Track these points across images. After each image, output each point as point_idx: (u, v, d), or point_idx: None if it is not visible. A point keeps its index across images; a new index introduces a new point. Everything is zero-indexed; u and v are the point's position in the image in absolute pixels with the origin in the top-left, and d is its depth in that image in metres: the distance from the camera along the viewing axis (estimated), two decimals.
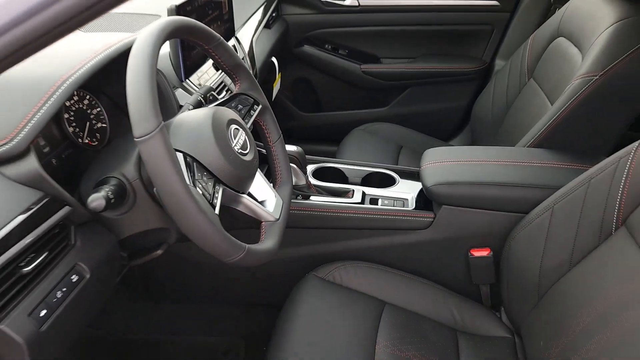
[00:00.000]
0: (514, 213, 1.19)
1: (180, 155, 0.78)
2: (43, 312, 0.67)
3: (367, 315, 1.13)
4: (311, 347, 1.04)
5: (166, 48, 1.14)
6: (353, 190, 1.33)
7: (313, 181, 1.37)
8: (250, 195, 0.91)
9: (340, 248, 1.30)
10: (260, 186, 0.96)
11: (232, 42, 1.49)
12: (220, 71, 1.29)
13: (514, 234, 1.16)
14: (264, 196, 0.95)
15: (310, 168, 1.43)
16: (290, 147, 1.23)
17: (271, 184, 1.00)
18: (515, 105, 1.67)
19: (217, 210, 0.77)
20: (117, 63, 0.89)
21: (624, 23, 1.29)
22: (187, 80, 1.16)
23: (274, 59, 1.84)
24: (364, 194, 1.33)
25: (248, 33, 1.63)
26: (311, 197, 1.30)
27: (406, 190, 1.36)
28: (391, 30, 2.14)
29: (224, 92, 1.32)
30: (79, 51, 0.84)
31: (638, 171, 0.96)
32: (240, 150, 0.85)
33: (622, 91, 1.27)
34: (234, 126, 0.86)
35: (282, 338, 1.07)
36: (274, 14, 1.98)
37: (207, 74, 1.24)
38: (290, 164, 1.17)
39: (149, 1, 1.46)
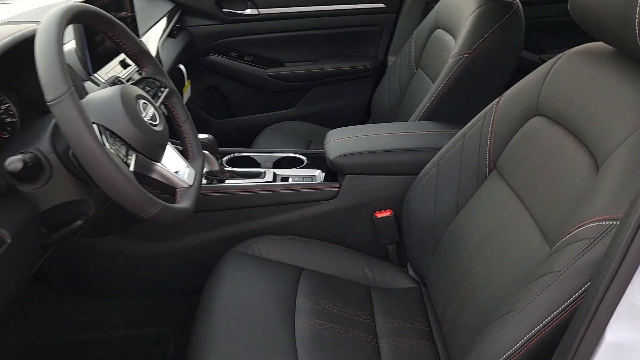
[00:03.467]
0: (407, 175, 1.34)
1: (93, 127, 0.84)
2: None
3: (286, 281, 1.21)
4: (235, 316, 1.08)
5: (72, 45, 1.20)
6: (265, 172, 1.43)
7: (226, 167, 1.46)
8: (163, 166, 0.98)
9: (257, 226, 1.38)
10: (173, 159, 1.04)
11: None
12: (127, 68, 1.35)
13: (409, 192, 1.30)
14: (177, 167, 1.03)
15: (224, 159, 1.52)
16: (202, 135, 1.31)
17: (184, 159, 1.08)
18: (408, 92, 1.85)
19: (131, 169, 0.84)
20: (24, 58, 0.94)
21: (484, 8, 1.50)
22: (95, 74, 1.22)
23: (181, 66, 1.91)
24: (274, 174, 1.43)
25: (153, 39, 1.70)
26: (226, 182, 1.38)
27: (314, 169, 1.47)
28: (291, 35, 2.27)
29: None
30: None
31: (499, 122, 1.14)
32: (150, 122, 0.92)
33: (487, 65, 1.48)
34: (142, 101, 0.94)
35: (209, 305, 1.12)
36: (177, 25, 2.05)
37: (115, 70, 1.29)
38: (203, 151, 1.24)
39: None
